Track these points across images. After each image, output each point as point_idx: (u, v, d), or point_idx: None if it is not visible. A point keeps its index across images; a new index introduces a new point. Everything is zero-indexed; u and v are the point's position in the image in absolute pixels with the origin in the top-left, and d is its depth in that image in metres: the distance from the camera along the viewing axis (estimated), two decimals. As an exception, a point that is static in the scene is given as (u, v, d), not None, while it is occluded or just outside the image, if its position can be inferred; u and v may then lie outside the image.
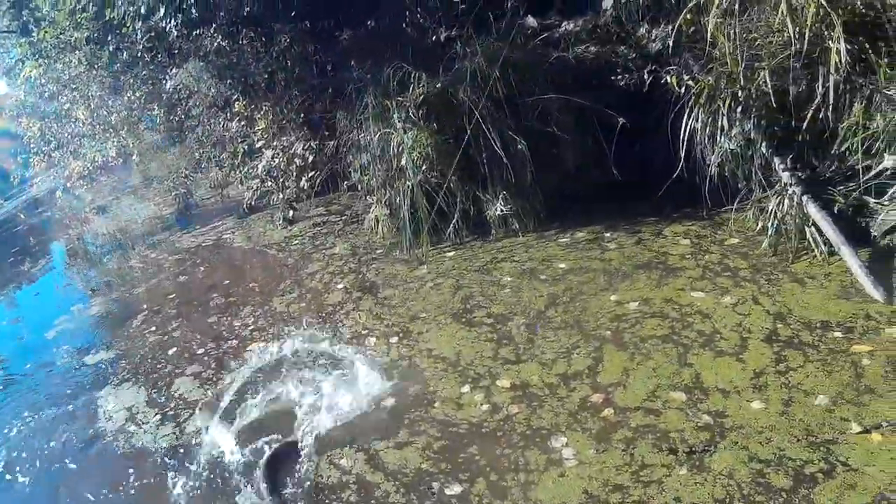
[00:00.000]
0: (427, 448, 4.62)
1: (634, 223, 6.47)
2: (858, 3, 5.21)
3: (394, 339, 5.82)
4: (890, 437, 3.84)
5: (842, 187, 5.33)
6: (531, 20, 7.15)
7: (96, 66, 10.37)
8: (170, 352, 6.37)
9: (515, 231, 6.61)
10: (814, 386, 4.30)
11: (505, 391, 4.92)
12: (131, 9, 8.55)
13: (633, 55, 6.55)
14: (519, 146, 6.34)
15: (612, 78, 6.38)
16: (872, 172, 5.16)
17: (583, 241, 6.43)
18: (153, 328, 6.85)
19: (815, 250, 5.36)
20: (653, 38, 6.40)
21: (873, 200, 5.21)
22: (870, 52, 5.18)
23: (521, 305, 5.73)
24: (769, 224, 5.50)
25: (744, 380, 4.47)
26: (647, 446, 4.18)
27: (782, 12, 5.21)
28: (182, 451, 5.18)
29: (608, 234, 6.44)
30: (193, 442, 5.23)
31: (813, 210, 5.24)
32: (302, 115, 8.39)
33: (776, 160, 5.50)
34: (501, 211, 6.51)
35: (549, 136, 6.48)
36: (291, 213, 8.06)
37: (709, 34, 5.61)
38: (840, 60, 5.08)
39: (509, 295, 5.90)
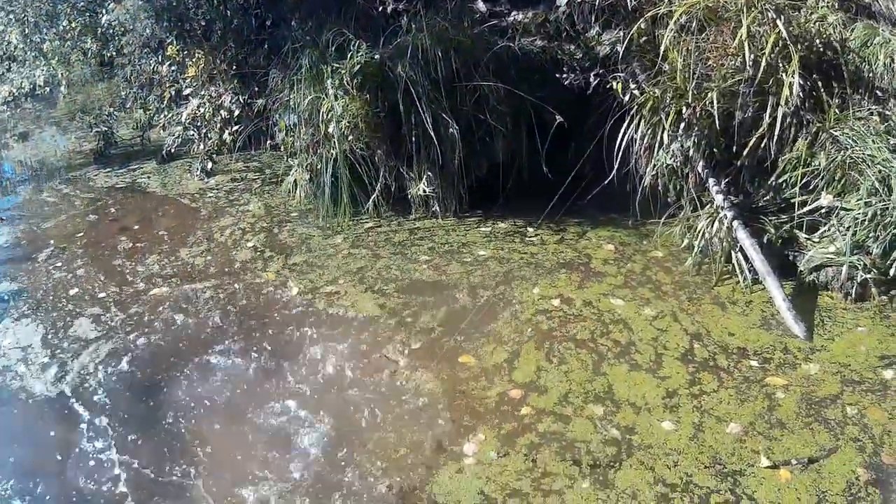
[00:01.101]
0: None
1: (559, 222, 6.09)
2: (818, 41, 5.01)
3: (299, 306, 5.31)
4: (798, 475, 3.59)
5: (774, 218, 5.06)
6: (481, 4, 6.73)
7: (35, -10, 9.48)
8: (71, 292, 5.75)
9: (435, 213, 6.25)
10: (726, 413, 4.01)
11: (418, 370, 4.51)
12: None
13: (580, 55, 6.17)
14: (451, 130, 5.95)
15: (557, 75, 5.99)
16: (807, 208, 4.92)
17: (504, 232, 6.06)
18: (59, 265, 6.21)
19: (740, 276, 5.06)
20: (602, 41, 6.00)
21: (804, 235, 4.94)
22: (822, 90, 4.98)
23: (441, 286, 5.33)
24: (696, 243, 5.17)
25: (656, 397, 4.14)
26: (551, 454, 3.81)
27: (741, 37, 4.92)
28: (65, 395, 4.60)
29: (531, 230, 6.07)
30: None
31: (742, 236, 4.92)
32: (235, 66, 7.80)
33: (711, 181, 5.17)
34: (424, 191, 6.14)
35: (483, 123, 6.10)
36: (210, 165, 7.44)
37: (662, 47, 5.30)
38: (791, 94, 4.85)
39: (428, 274, 5.49)
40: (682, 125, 5.18)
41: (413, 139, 5.99)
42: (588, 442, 3.85)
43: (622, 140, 5.33)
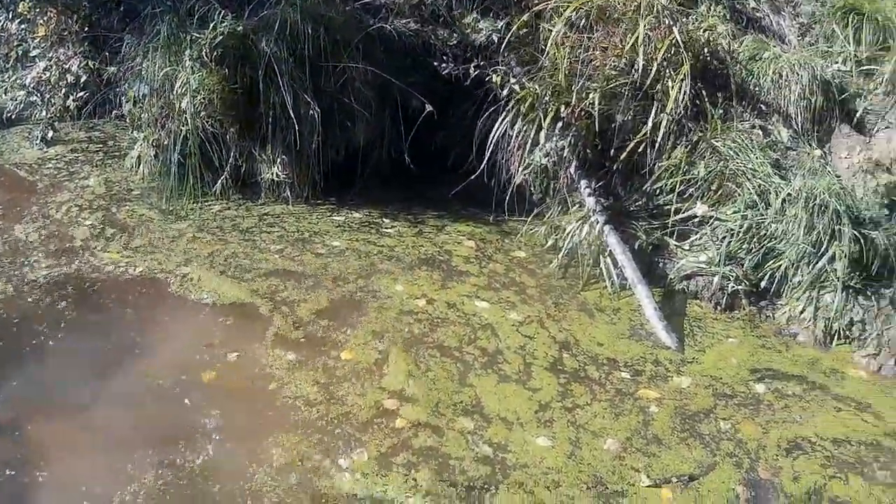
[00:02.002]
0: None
1: (417, 214, 5.67)
2: (705, 50, 4.92)
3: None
4: (679, 494, 3.42)
5: (645, 224, 4.90)
6: (355, -20, 6.08)
7: None
8: None
9: (287, 199, 5.65)
10: (602, 428, 3.75)
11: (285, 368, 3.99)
12: None
13: (455, 42, 5.72)
14: (312, 111, 5.45)
15: (434, 63, 5.54)
16: (680, 216, 4.79)
17: (359, 222, 5.54)
18: None
19: (608, 281, 4.84)
20: (479, 28, 5.61)
21: (675, 243, 4.81)
22: (706, 100, 4.90)
23: (298, 276, 4.75)
24: (563, 245, 4.90)
25: (528, 411, 3.82)
26: (429, 472, 3.41)
27: (636, 40, 4.75)
28: None
29: (387, 221, 5.58)
30: None
31: (613, 241, 4.73)
32: (87, 28, 6.86)
33: (583, 183, 4.94)
34: (277, 176, 5.56)
35: (345, 107, 5.63)
36: (51, 133, 6.48)
37: (547, 43, 5.05)
38: (678, 101, 4.74)
39: (281, 264, 4.88)
40: (560, 124, 4.93)
41: (270, 119, 5.48)
42: (461, 459, 3.48)
43: (494, 135, 5.04)
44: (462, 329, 4.37)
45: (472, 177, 5.07)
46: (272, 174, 5.56)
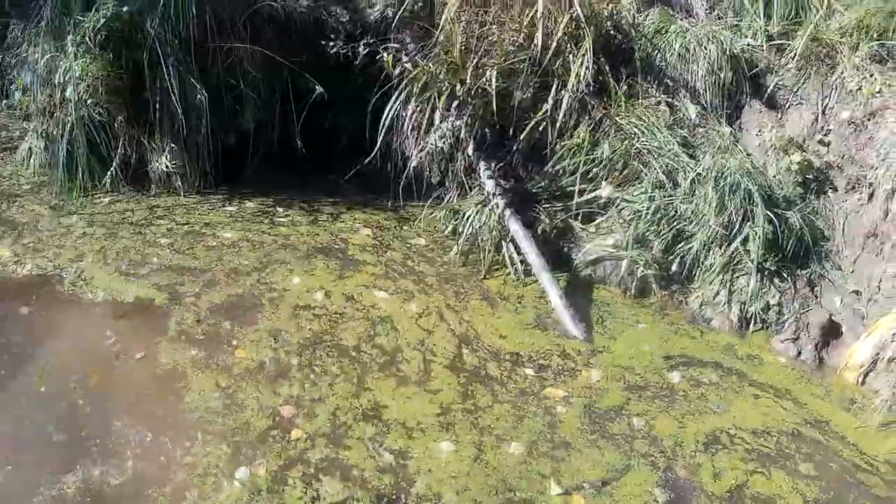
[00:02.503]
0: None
1: (312, 201, 5.23)
2: (609, 24, 4.68)
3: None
4: (592, 500, 3.16)
5: (548, 206, 4.59)
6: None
7: None
8: None
9: (178, 190, 5.20)
10: (506, 431, 3.46)
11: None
12: None
13: (348, 18, 5.31)
14: (199, 96, 5.01)
15: (322, 42, 5.04)
16: (585, 198, 4.48)
17: (252, 211, 5.08)
18: None
19: (511, 268, 4.49)
20: (374, 3, 5.20)
21: (580, 226, 4.49)
22: (609, 75, 4.62)
23: (188, 271, 4.31)
24: (463, 231, 4.52)
25: (429, 415, 3.49)
26: (329, 484, 3.10)
27: (535, 15, 4.42)
28: None
29: (281, 209, 5.12)
30: None
31: (516, 227, 4.37)
32: None
33: (483, 165, 4.57)
34: (167, 166, 5.10)
35: (234, 90, 5.20)
36: None
37: (441, 18, 4.66)
38: (580, 78, 4.45)
39: (168, 258, 4.42)
40: (456, 104, 4.59)
41: (157, 106, 5.06)
42: (363, 469, 3.16)
43: (387, 116, 4.66)
44: (360, 325, 4.00)
45: (365, 161, 4.68)
46: (162, 163, 5.08)
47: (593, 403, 3.67)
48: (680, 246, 4.45)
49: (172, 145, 5.09)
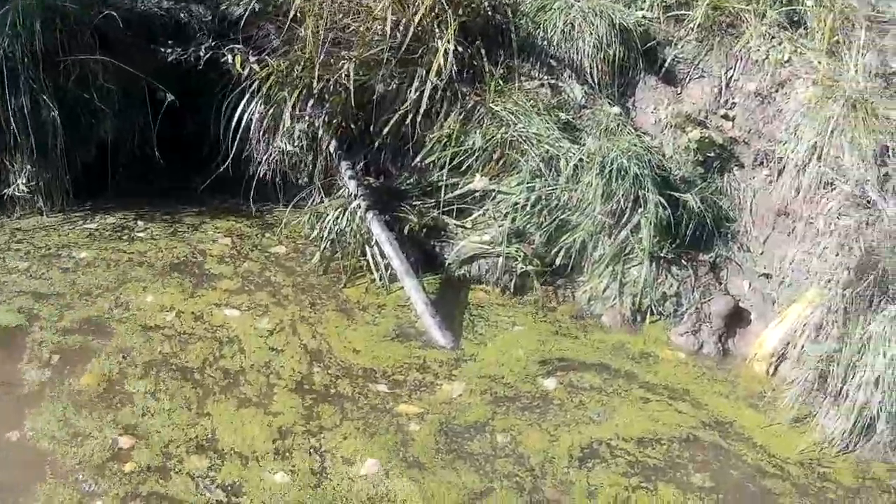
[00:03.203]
0: None
1: (173, 212, 4.88)
2: (486, 3, 4.36)
3: None
4: None
5: (419, 203, 4.23)
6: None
7: None
8: None
9: (41, 210, 4.90)
10: (353, 453, 3.14)
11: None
12: None
13: (210, 18, 4.95)
14: (52, 113, 4.70)
15: (161, 49, 4.68)
16: (458, 192, 4.17)
17: (112, 227, 4.73)
18: None
19: (375, 274, 4.10)
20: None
21: (454, 222, 4.14)
22: (484, 59, 4.28)
23: (42, 297, 3.99)
24: (323, 237, 4.14)
25: (266, 441, 3.16)
26: None
27: None
28: None
29: (141, 223, 4.76)
30: None
31: (378, 230, 4.01)
32: None
33: (344, 165, 4.23)
34: (24, 187, 4.80)
35: (88, 104, 4.85)
36: None
37: (292, 9, 4.29)
38: (445, 64, 4.10)
39: (25, 283, 4.11)
40: (312, 102, 4.23)
41: (13, 126, 4.72)
42: None
43: (237, 120, 4.31)
44: (207, 346, 3.65)
45: (222, 168, 4.32)
46: (19, 184, 4.78)
47: (452, 420, 3.32)
48: (564, 237, 4.09)
49: (28, 166, 4.77)
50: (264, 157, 4.40)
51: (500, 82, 4.27)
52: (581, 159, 4.06)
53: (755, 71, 4.50)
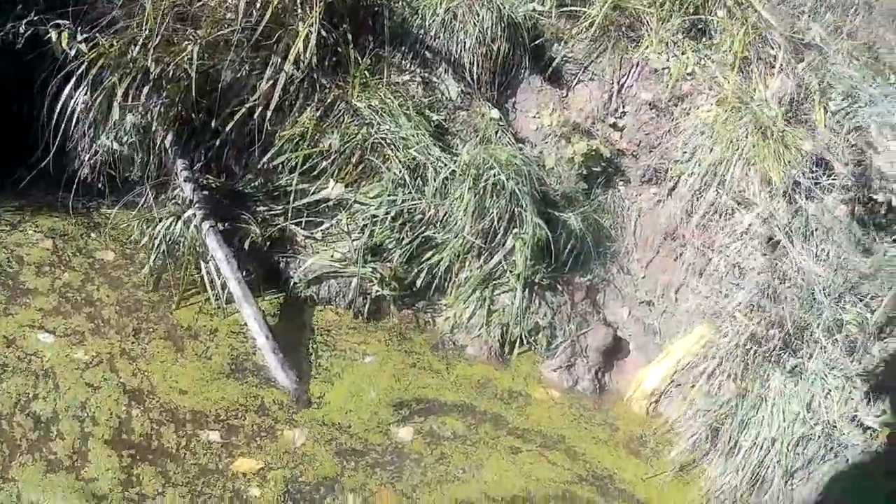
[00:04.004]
0: None
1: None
2: None
3: None
4: None
5: (265, 209, 3.68)
6: None
7: None
8: None
9: None
10: None
11: None
12: None
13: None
14: None
15: None
16: (308, 199, 3.65)
17: None
18: None
19: (211, 293, 3.53)
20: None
21: (303, 234, 3.64)
22: (351, 45, 3.76)
23: None
24: (153, 247, 3.54)
25: None
26: None
27: None
28: None
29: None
30: None
31: (214, 244, 3.44)
32: None
33: (181, 163, 3.64)
34: None
35: None
36: None
37: None
38: (306, 50, 3.58)
39: None
40: (147, 88, 3.62)
41: None
42: None
43: (62, 108, 3.65)
44: (22, 381, 3.03)
45: (43, 163, 3.61)
46: None
47: (297, 478, 2.89)
48: (427, 256, 3.66)
49: None
50: (89, 153, 3.76)
51: (367, 74, 3.76)
52: (453, 171, 3.62)
53: (652, 80, 4.17)
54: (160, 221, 3.48)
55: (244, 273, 3.46)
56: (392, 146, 3.60)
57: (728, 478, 3.25)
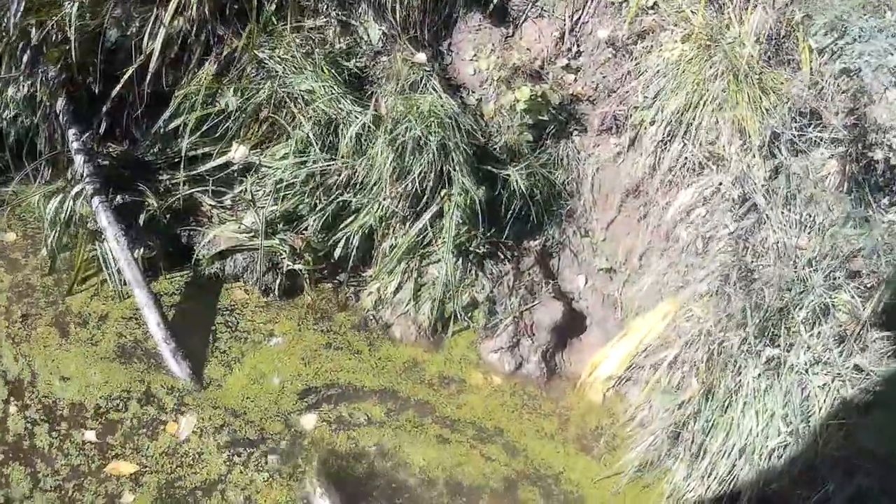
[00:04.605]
0: None
1: None
2: None
3: None
4: None
5: (168, 177, 3.36)
6: None
7: None
8: None
9: None
10: None
11: None
12: None
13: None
14: None
15: None
16: (212, 164, 3.31)
17: None
18: None
19: (106, 273, 3.22)
20: None
21: (210, 203, 3.30)
22: None
23: None
24: (49, 227, 3.23)
25: None
26: None
27: None
28: None
29: None
30: None
31: (104, 221, 3.14)
32: None
33: (72, 132, 3.34)
34: None
35: None
36: None
37: None
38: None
39: None
40: (28, 55, 3.30)
41: None
42: None
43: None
44: None
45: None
46: None
47: (177, 480, 2.63)
48: (346, 225, 3.29)
49: None
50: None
51: (273, 21, 3.37)
52: (368, 126, 3.23)
53: (610, 14, 3.62)
54: (50, 198, 3.20)
55: (146, 249, 3.18)
56: (299, 101, 3.22)
57: (692, 484, 2.84)
